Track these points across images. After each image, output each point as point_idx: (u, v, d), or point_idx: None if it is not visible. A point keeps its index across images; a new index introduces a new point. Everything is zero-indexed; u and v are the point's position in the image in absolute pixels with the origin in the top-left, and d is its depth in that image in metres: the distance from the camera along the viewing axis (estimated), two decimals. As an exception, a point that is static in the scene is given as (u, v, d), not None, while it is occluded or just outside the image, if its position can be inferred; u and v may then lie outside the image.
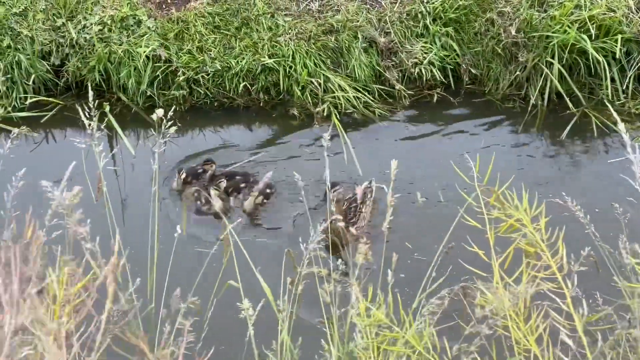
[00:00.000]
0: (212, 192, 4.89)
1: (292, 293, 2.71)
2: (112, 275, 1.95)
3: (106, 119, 5.22)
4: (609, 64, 5.81)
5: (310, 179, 5.02)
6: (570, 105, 5.84)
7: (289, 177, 5.06)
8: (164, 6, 6.32)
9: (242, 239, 3.15)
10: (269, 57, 5.87)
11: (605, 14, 5.83)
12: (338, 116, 5.74)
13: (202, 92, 6.00)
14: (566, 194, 2.71)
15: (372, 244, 2.69)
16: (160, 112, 3.15)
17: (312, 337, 2.77)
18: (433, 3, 6.08)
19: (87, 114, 3.24)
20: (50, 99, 6.09)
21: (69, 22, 6.17)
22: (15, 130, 3.91)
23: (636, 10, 5.90)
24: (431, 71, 5.96)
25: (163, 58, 5.94)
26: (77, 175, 3.03)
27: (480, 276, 2.38)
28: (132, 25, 6.13)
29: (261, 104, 6.00)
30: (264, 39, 5.99)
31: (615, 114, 2.91)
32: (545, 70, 5.83)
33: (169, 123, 3.24)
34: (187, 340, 2.17)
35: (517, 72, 5.93)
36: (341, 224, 3.99)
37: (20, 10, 6.17)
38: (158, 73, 5.97)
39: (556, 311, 2.25)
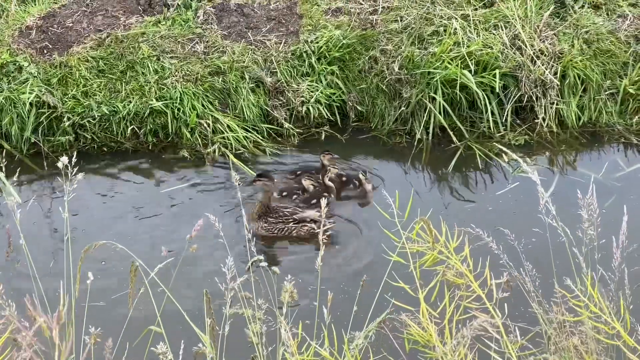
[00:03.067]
0: None
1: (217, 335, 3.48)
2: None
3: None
4: (488, 98, 7.71)
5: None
6: (454, 138, 7.67)
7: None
8: (45, 51, 7.87)
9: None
10: (157, 100, 7.49)
11: (482, 50, 7.76)
12: (230, 156, 7.36)
13: (89, 137, 7.53)
14: (459, 225, 3.62)
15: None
16: (65, 159, 3.51)
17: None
18: (317, 42, 7.89)
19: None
20: None
21: (-57, 70, 7.60)
22: None
23: (511, 46, 7.86)
24: (318, 109, 7.73)
25: (52, 104, 7.40)
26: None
27: (405, 309, 3.36)
28: (12, 72, 7.65)
29: (150, 147, 7.57)
30: (150, 82, 7.62)
31: (500, 146, 4.39)
32: (429, 105, 7.68)
33: (76, 169, 3.63)
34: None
35: (402, 108, 7.76)
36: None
37: None
38: (42, 119, 7.46)
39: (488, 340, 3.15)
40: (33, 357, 3.00)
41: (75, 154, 4.10)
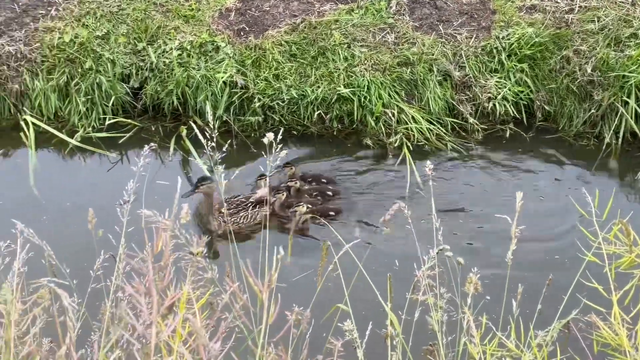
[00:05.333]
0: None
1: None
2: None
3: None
4: (686, 105, 8.86)
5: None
6: (646, 145, 8.88)
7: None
8: (242, 33, 9.72)
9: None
10: (345, 87, 9.14)
11: (683, 55, 8.93)
12: (410, 147, 8.89)
13: (277, 119, 9.27)
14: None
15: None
16: (270, 135, 4.22)
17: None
18: (509, 39, 9.31)
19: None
20: (128, 120, 9.44)
21: (149, 46, 9.61)
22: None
23: None
24: (505, 106, 9.14)
25: (240, 84, 9.23)
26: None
27: (596, 310, 3.85)
28: (210, 51, 9.53)
29: (334, 133, 9.23)
30: (339, 69, 9.28)
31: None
32: (621, 109, 8.91)
33: (279, 146, 4.44)
34: None
35: (592, 110, 9.05)
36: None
37: (103, 33, 9.66)
38: (234, 99, 9.27)
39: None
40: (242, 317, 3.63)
41: (281, 131, 4.92)
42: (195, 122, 9.35)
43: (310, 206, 8.01)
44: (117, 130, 9.43)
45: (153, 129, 9.51)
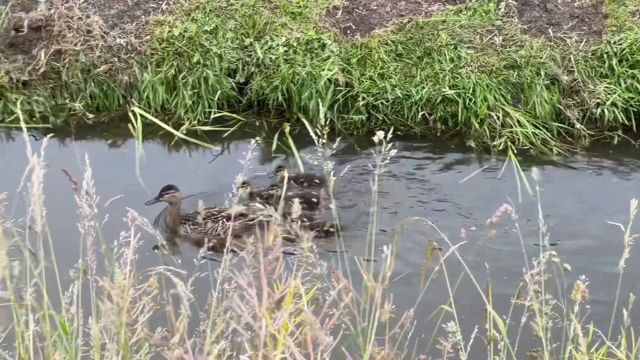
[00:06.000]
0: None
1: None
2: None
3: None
4: None
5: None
6: None
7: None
8: (348, 31, 10.24)
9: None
10: (450, 88, 9.56)
11: None
12: (515, 151, 9.27)
13: (380, 118, 9.75)
14: None
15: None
16: (380, 134, 4.27)
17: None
18: (620, 44, 9.60)
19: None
20: (232, 114, 10.05)
21: (256, 42, 10.21)
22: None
23: None
24: (614, 112, 9.43)
25: (341, 83, 9.71)
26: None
27: None
28: (316, 49, 10.07)
29: (438, 134, 9.66)
30: (445, 70, 9.72)
31: None
32: None
33: (389, 146, 4.35)
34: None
35: None
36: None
37: (211, 28, 10.30)
38: (339, 97, 9.77)
39: None
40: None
41: (391, 130, 4.74)
42: (298, 119, 9.90)
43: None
44: (221, 124, 10.04)
45: (257, 124, 10.09)
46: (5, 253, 3.54)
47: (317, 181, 9.06)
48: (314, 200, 8.71)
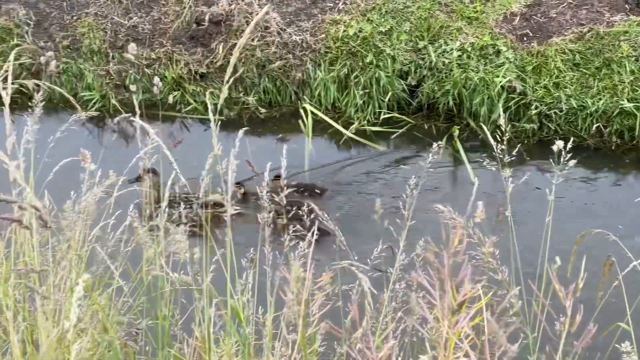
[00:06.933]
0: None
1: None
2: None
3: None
4: None
5: None
6: None
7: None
8: (524, 39, 10.75)
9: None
10: (628, 101, 9.91)
11: None
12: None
13: (553, 128, 10.21)
14: None
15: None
16: (560, 143, 4.39)
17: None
18: None
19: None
20: (402, 116, 10.72)
21: (430, 45, 10.87)
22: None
23: None
24: None
25: (518, 90, 10.23)
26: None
27: None
28: (490, 55, 10.63)
29: (612, 147, 10.03)
30: (624, 82, 10.09)
31: None
32: None
33: (568, 156, 4.42)
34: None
35: None
36: None
37: (386, 29, 11.03)
38: (511, 104, 10.29)
39: None
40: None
41: (570, 140, 4.68)
42: (467, 124, 10.48)
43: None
44: (390, 126, 10.74)
45: (426, 127, 10.73)
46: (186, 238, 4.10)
47: (317, 191, 9.40)
48: (317, 191, 9.30)
